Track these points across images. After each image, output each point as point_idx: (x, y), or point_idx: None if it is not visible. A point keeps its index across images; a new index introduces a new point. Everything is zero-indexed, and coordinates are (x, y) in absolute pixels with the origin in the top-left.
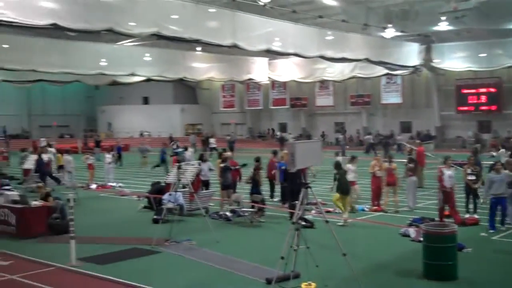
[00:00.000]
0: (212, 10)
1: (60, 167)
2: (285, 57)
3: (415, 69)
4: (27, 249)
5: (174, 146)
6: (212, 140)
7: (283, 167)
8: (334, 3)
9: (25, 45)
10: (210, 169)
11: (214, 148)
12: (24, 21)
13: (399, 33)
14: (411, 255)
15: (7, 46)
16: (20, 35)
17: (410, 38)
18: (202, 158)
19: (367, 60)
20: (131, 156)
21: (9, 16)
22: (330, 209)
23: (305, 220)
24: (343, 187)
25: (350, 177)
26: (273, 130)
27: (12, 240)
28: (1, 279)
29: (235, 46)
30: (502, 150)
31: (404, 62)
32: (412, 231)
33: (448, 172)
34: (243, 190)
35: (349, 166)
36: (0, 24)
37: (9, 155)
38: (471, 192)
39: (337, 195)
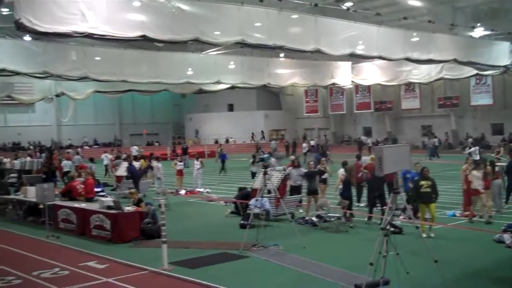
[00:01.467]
0: (295, 16)
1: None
2: (369, 61)
3: (506, 68)
4: (121, 253)
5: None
6: (304, 145)
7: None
8: (420, 4)
9: (116, 57)
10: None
11: (305, 154)
12: (115, 34)
13: (488, 32)
14: (507, 262)
15: (99, 58)
16: (111, 47)
17: (500, 37)
18: (294, 164)
19: (455, 61)
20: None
21: (102, 29)
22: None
23: (394, 225)
24: (427, 196)
25: (475, 185)
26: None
27: (107, 244)
28: (97, 282)
29: (318, 51)
30: None
31: (494, 62)
32: (507, 237)
33: None
34: (328, 195)
35: (474, 173)
36: (93, 37)
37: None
38: None
39: (422, 206)
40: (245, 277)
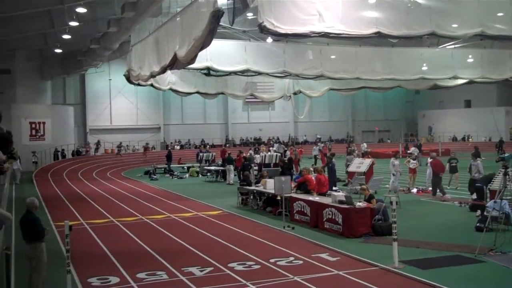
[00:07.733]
0: None
1: None
2: None
3: None
4: (352, 248)
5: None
6: None
7: None
8: None
9: (350, 55)
10: None
11: None
12: (350, 32)
13: None
14: None
15: (334, 57)
16: (346, 45)
17: None
18: None
19: None
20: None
21: (337, 28)
22: None
23: None
24: None
25: None
26: None
27: (338, 238)
28: (329, 274)
29: None
30: None
31: None
32: None
33: None
34: None
35: None
36: (329, 36)
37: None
38: None
39: None
40: (479, 283)
